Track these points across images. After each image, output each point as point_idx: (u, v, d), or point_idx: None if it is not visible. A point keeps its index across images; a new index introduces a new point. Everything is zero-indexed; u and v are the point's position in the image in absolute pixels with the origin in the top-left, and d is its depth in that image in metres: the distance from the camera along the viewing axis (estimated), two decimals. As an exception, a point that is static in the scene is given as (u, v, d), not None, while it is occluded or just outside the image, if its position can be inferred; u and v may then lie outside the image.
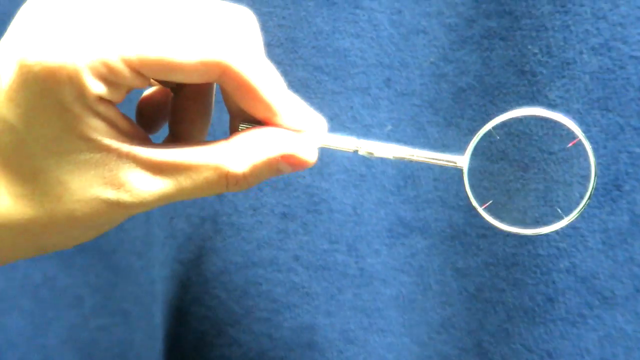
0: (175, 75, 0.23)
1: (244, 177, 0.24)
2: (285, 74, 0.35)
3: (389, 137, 0.35)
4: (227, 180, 0.24)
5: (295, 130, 0.24)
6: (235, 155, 0.24)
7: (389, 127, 0.35)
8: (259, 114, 0.24)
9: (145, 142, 0.24)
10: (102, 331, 0.46)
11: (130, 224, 0.44)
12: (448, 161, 0.25)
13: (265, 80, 0.24)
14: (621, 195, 0.31)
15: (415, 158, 0.25)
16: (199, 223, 0.37)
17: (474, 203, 0.25)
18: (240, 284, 0.36)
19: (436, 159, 0.25)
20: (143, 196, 0.23)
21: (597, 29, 0.31)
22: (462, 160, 0.25)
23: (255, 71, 0.23)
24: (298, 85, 0.35)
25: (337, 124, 0.35)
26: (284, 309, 0.35)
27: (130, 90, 0.24)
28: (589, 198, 0.25)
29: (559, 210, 0.27)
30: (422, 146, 0.35)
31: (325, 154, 0.35)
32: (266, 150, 0.24)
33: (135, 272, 0.45)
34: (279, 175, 0.25)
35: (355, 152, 0.25)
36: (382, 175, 0.35)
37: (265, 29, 0.35)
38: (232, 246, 0.36)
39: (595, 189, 0.28)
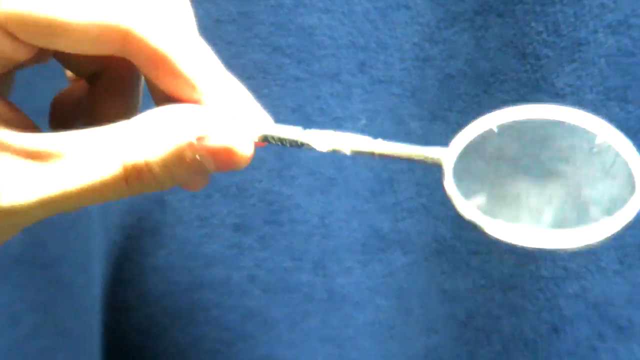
0: (60, 40, 0.18)
1: (149, 171, 0.19)
2: (238, 56, 0.30)
3: (364, 132, 0.30)
4: (125, 174, 0.19)
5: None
6: (135, 139, 0.19)
7: (363, 121, 0.30)
8: (179, 92, 0.20)
9: (27, 130, 0.19)
10: (42, 354, 0.42)
11: (73, 233, 0.41)
12: (426, 157, 0.20)
13: (182, 49, 0.19)
14: (642, 205, 0.26)
15: (379, 151, 0.20)
16: (137, 236, 0.32)
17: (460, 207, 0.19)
18: (185, 309, 0.32)
19: (411, 155, 0.20)
20: (16, 200, 0.18)
21: (615, 2, 0.26)
22: (445, 153, 0.20)
23: (167, 37, 0.19)
24: (254, 69, 0.30)
25: (301, 117, 0.30)
26: (238, 339, 0.31)
27: (11, 66, 0.19)
28: None
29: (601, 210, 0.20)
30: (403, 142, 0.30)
31: (287, 153, 0.30)
32: (177, 132, 0.19)
33: (77, 288, 0.41)
34: (202, 173, 0.19)
35: (301, 146, 0.21)
36: (354, 179, 0.30)
37: (214, 1, 0.30)
38: (176, 264, 0.32)
39: None
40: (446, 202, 0.30)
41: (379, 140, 0.20)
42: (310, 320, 0.31)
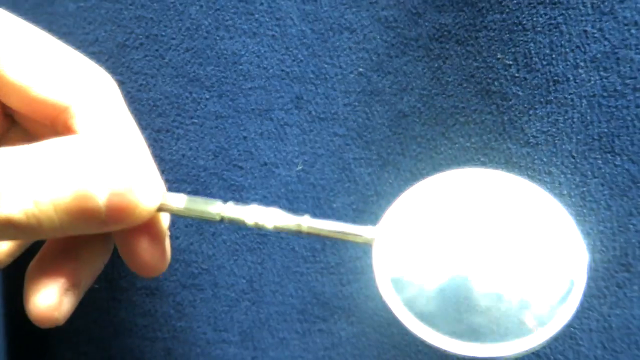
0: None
1: (35, 217, 0.17)
2: (146, 88, 0.25)
3: (300, 181, 0.25)
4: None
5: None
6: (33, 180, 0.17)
7: (300, 167, 0.25)
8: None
9: None
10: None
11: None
12: (355, 235, 0.18)
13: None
14: (631, 279, 0.21)
15: (306, 230, 0.19)
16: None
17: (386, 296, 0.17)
18: (92, 386, 0.26)
19: (338, 233, 0.18)
20: None
21: (600, 30, 0.21)
22: (373, 233, 0.18)
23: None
24: (166, 105, 0.24)
25: (223, 163, 0.25)
26: None
27: None
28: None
29: (535, 317, 0.17)
30: (347, 194, 0.25)
31: (208, 206, 0.25)
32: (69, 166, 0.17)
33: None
34: (90, 225, 0.17)
35: (222, 220, 0.19)
36: (290, 235, 0.25)
37: (117, 22, 0.25)
38: (82, 331, 0.26)
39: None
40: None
41: (306, 216, 0.19)
42: (238, 402, 0.26)
